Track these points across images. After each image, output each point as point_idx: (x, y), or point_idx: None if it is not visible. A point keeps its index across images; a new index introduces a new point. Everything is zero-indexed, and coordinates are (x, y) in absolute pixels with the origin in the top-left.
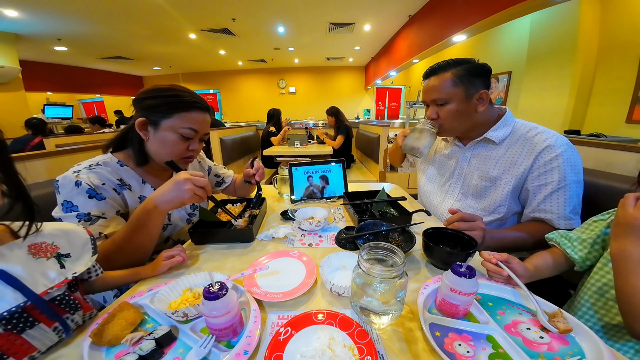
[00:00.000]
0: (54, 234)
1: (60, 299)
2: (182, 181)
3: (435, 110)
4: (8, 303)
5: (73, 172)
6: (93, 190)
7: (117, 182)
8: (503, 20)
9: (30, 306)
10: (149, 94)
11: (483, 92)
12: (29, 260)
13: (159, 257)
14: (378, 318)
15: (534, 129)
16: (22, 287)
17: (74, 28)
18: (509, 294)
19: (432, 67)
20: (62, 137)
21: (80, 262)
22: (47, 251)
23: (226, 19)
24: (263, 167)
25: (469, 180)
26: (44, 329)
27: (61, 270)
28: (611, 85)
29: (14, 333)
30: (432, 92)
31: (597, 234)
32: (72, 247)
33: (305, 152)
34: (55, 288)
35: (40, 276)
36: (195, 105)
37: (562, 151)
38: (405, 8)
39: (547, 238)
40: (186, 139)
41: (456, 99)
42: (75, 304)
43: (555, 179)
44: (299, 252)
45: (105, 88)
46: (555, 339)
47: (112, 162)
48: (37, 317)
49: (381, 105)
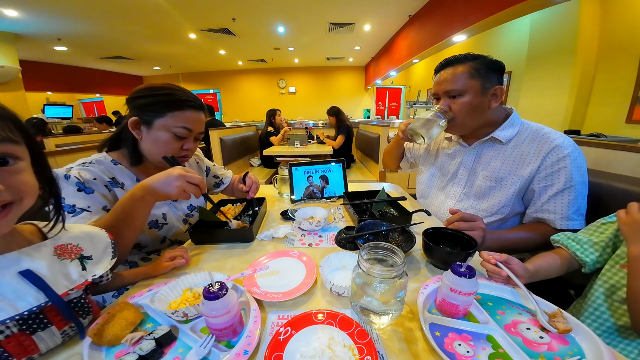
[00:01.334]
0: (80, 236)
1: (76, 302)
2: (174, 176)
3: (448, 103)
4: (29, 303)
5: (65, 168)
6: (82, 184)
7: (109, 180)
8: (503, 20)
9: (49, 307)
10: (142, 93)
11: (498, 88)
12: (54, 261)
13: (162, 258)
14: (378, 318)
15: (541, 130)
16: (46, 287)
17: (74, 28)
18: (508, 294)
19: (447, 59)
20: (62, 137)
21: (100, 265)
22: (71, 252)
23: (226, 19)
24: (257, 181)
25: (472, 180)
26: (54, 331)
27: (82, 272)
28: (611, 85)
29: (26, 334)
30: (446, 83)
31: (609, 237)
32: (95, 250)
33: (305, 152)
34: (75, 290)
35: (62, 277)
36: (189, 103)
37: (570, 152)
38: (405, 8)
39: (552, 240)
40: (180, 138)
41: (472, 92)
42: (89, 308)
43: (562, 180)
44: (299, 252)
45: (105, 88)
46: (555, 339)
47: (105, 161)
48: (51, 319)
49: (381, 105)
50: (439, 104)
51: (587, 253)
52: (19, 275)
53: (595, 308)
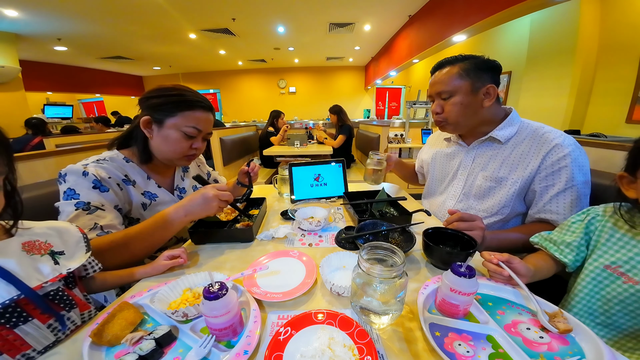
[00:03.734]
0: (47, 233)
1: (54, 295)
2: (211, 197)
3: (440, 104)
4: (1, 296)
5: (81, 164)
6: (99, 182)
7: (123, 178)
8: (503, 20)
9: (24, 300)
10: (154, 94)
11: (490, 87)
12: (23, 257)
13: (160, 257)
14: (378, 318)
15: (540, 129)
16: (16, 280)
17: (74, 28)
18: (508, 294)
19: (440, 62)
20: (62, 137)
21: (74, 260)
22: (40, 248)
23: (226, 19)
24: (259, 167)
25: (472, 180)
26: (38, 325)
27: (55, 266)
28: (611, 85)
29: (7, 328)
30: (437, 85)
31: (580, 237)
32: (66, 245)
33: (305, 152)
34: (49, 283)
35: (34, 271)
36: (199, 104)
37: (570, 151)
38: (405, 8)
39: (531, 242)
40: (189, 137)
41: (461, 92)
42: (71, 301)
43: (563, 180)
44: (299, 252)
45: (105, 88)
46: (555, 339)
47: (118, 158)
48: (30, 312)
49: (381, 105)
50: (433, 105)
51: (564, 254)
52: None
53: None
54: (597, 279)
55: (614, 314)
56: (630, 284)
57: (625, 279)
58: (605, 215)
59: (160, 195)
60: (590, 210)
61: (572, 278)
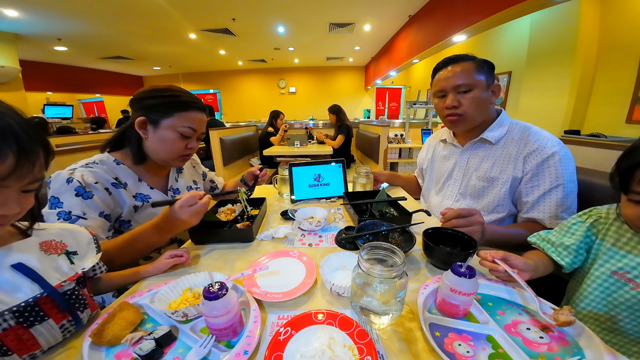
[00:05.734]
0: (61, 233)
1: (70, 294)
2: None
3: (457, 98)
4: (25, 294)
5: (68, 169)
6: (82, 189)
7: (113, 181)
8: (503, 20)
9: (44, 299)
10: (148, 94)
11: (496, 85)
12: (42, 256)
13: (162, 255)
14: (378, 318)
15: (527, 129)
16: (39, 278)
17: (74, 28)
18: (509, 294)
19: (450, 57)
20: (62, 137)
21: (86, 260)
22: (57, 248)
23: (226, 19)
24: (268, 176)
25: (467, 180)
26: (52, 325)
27: (71, 265)
28: (611, 85)
29: (24, 327)
30: (454, 78)
31: (580, 239)
32: (79, 246)
33: (305, 152)
34: (67, 282)
35: (54, 270)
36: (194, 105)
37: (554, 152)
38: (405, 8)
39: (529, 241)
40: (185, 138)
41: (480, 87)
42: (85, 301)
43: (547, 180)
44: (299, 252)
45: (105, 88)
46: (555, 339)
47: (108, 161)
48: (47, 311)
49: (381, 105)
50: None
51: (562, 256)
52: (11, 268)
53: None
54: (604, 285)
55: (621, 320)
56: (639, 290)
57: (633, 285)
58: (609, 218)
59: (153, 196)
60: (592, 211)
61: (574, 281)
